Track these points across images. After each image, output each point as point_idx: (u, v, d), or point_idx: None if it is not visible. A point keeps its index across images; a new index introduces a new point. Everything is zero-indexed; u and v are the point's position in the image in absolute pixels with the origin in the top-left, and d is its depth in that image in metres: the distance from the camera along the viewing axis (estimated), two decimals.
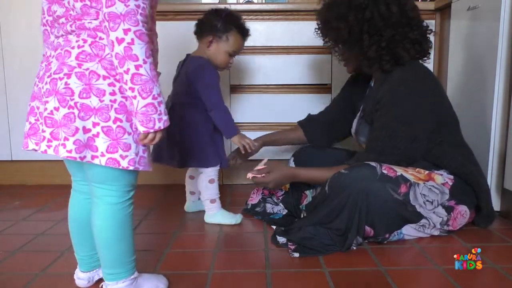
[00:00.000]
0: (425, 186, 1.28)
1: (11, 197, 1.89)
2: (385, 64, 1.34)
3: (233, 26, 1.48)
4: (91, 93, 0.84)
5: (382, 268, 1.14)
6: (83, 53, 0.85)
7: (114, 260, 0.94)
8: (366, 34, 1.32)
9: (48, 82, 0.87)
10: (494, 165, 1.52)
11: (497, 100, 1.49)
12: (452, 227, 1.34)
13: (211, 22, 1.48)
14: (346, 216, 1.23)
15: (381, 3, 1.31)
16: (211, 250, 1.28)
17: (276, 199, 1.58)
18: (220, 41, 1.48)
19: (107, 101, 0.85)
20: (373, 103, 1.37)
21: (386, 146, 1.30)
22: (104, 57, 0.85)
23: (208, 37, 1.48)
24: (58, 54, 0.88)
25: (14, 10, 1.96)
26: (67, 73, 0.85)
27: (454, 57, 1.79)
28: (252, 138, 2.02)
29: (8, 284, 1.08)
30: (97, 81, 0.84)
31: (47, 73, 0.88)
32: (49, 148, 0.88)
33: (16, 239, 1.37)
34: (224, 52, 1.49)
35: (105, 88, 0.85)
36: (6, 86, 2.01)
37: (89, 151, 0.85)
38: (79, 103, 0.84)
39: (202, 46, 1.51)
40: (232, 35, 1.48)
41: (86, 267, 1.04)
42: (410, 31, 1.33)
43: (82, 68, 0.84)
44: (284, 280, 1.08)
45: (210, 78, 1.46)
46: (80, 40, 0.87)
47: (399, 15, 1.32)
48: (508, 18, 1.44)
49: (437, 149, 1.35)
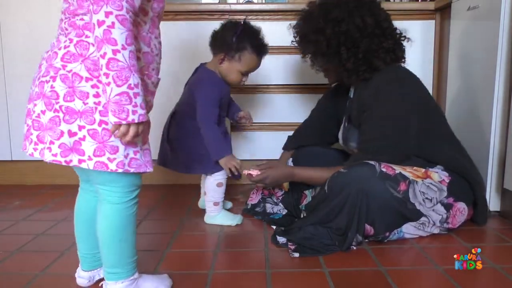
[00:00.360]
0: (424, 183, 1.29)
1: (11, 197, 1.89)
2: (362, 74, 1.37)
3: (248, 45, 1.40)
4: (75, 96, 0.83)
5: (382, 268, 1.14)
6: (68, 54, 0.84)
7: (115, 260, 0.94)
8: (343, 47, 1.35)
9: (37, 85, 0.87)
10: (494, 165, 1.52)
11: (497, 100, 1.49)
12: (451, 224, 1.34)
13: (224, 38, 1.40)
14: (346, 215, 1.23)
15: (356, 16, 1.33)
16: (211, 250, 1.28)
17: (276, 199, 1.59)
18: (233, 60, 1.41)
19: (91, 103, 0.83)
20: (357, 107, 1.40)
21: (381, 145, 1.31)
22: (87, 57, 0.83)
23: (220, 54, 1.42)
24: (48, 56, 0.88)
25: (14, 10, 1.96)
26: (52, 75, 0.84)
27: (454, 57, 1.79)
28: (252, 137, 2.04)
29: (8, 284, 1.08)
30: (80, 83, 0.83)
31: (38, 75, 0.88)
32: (35, 151, 0.87)
33: (16, 239, 1.37)
34: (237, 71, 1.43)
35: (88, 91, 0.83)
36: (6, 86, 2.01)
37: (76, 155, 0.84)
38: (64, 106, 0.83)
39: (215, 60, 1.46)
40: (245, 54, 1.41)
41: (88, 266, 1.05)
42: (384, 40, 1.36)
43: (65, 69, 0.83)
44: (284, 280, 1.08)
45: (207, 94, 1.41)
46: (67, 40, 0.85)
47: (374, 26, 1.34)
48: (508, 18, 1.44)
49: (428, 145, 1.36)
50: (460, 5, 1.71)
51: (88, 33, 0.83)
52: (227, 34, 1.40)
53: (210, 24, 1.97)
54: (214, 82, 1.44)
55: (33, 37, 1.96)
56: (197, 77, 1.47)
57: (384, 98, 1.31)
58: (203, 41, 1.98)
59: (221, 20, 1.97)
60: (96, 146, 0.84)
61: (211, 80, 1.44)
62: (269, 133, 2.02)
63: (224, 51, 1.40)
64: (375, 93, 1.33)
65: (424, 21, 1.96)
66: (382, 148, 1.31)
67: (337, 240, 1.24)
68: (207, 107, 1.40)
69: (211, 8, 1.97)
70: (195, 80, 1.46)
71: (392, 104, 1.31)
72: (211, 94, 1.42)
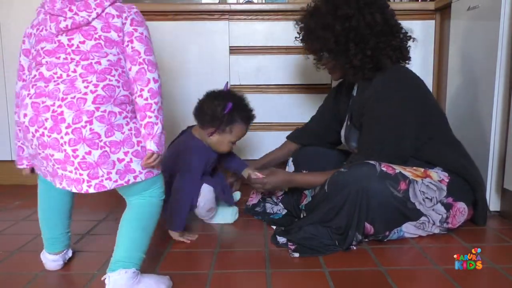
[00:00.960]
0: (423, 183, 1.29)
1: (11, 197, 1.89)
2: (367, 72, 1.37)
3: (238, 118, 1.39)
4: (114, 130, 0.95)
5: (382, 268, 1.14)
6: (99, 97, 0.94)
7: (129, 248, 1.01)
8: (352, 43, 1.34)
9: (64, 132, 0.92)
10: (494, 165, 1.53)
11: (497, 100, 1.49)
12: (451, 224, 1.34)
13: (214, 114, 1.36)
14: (346, 214, 1.23)
15: (366, 13, 1.33)
16: (211, 250, 1.28)
17: (276, 199, 1.59)
18: (223, 133, 1.39)
19: (127, 131, 0.97)
20: (358, 108, 1.40)
21: (377, 149, 1.31)
22: (116, 97, 0.96)
23: (209, 128, 1.39)
24: (55, 95, 0.93)
25: (14, 10, 1.96)
26: (87, 120, 0.92)
27: (454, 57, 1.79)
28: (252, 137, 2.04)
29: (8, 284, 1.08)
30: (116, 118, 0.96)
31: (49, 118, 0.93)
32: (89, 188, 0.95)
33: (16, 239, 1.37)
34: (227, 142, 1.41)
35: (122, 122, 0.96)
36: (6, 86, 2.01)
37: (130, 174, 0.97)
38: (108, 141, 0.94)
39: (203, 132, 1.42)
40: (236, 126, 1.40)
41: (58, 247, 1.15)
42: (392, 38, 1.36)
43: (100, 110, 0.93)
44: (284, 280, 1.08)
45: (190, 164, 1.37)
46: (90, 85, 0.95)
47: (383, 23, 1.34)
48: (508, 18, 1.44)
49: (427, 147, 1.36)
50: (460, 5, 1.71)
51: (110, 77, 0.96)
52: (217, 109, 1.36)
53: (210, 24, 1.98)
54: (202, 152, 1.41)
55: None
56: (184, 146, 1.42)
57: (383, 101, 1.31)
58: (203, 41, 1.99)
59: (221, 20, 1.98)
60: (140, 161, 0.99)
61: (198, 150, 1.40)
62: (269, 133, 2.02)
63: (215, 126, 1.38)
64: (375, 95, 1.32)
65: (424, 21, 1.96)
66: (379, 151, 1.31)
67: (337, 239, 1.24)
68: (189, 178, 1.37)
69: (211, 8, 1.97)
70: (181, 148, 1.41)
71: (391, 107, 1.31)
72: (196, 164, 1.38)
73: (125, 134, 0.96)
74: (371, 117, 1.33)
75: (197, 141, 1.42)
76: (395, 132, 1.31)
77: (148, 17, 1.96)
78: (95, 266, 1.17)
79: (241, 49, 1.99)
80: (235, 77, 2.00)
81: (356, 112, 1.42)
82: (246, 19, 1.98)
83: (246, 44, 1.99)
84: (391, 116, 1.31)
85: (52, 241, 1.15)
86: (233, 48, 1.99)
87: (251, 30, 1.98)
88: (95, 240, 1.38)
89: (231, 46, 1.99)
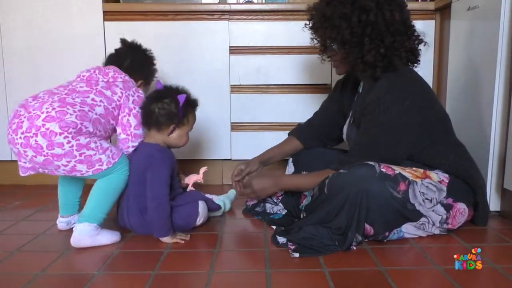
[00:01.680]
0: (423, 184, 1.28)
1: (11, 197, 1.89)
2: (378, 71, 1.33)
3: (189, 107, 1.42)
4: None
5: (382, 268, 1.14)
6: (48, 116, 1.25)
7: (94, 207, 1.31)
8: (367, 38, 1.31)
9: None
10: (494, 165, 1.52)
11: (497, 100, 1.49)
12: (451, 225, 1.34)
13: (169, 112, 1.37)
14: (346, 215, 1.23)
15: (385, 9, 1.30)
16: (211, 250, 1.28)
17: (276, 199, 1.59)
18: (182, 126, 1.41)
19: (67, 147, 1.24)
20: (361, 108, 1.38)
21: (366, 151, 1.31)
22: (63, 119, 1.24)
23: (169, 127, 1.39)
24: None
25: (14, 10, 1.96)
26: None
27: (454, 57, 1.79)
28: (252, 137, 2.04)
29: (8, 284, 1.08)
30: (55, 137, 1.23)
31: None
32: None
33: (16, 239, 1.37)
34: (186, 133, 1.43)
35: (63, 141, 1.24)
36: (6, 86, 2.01)
37: (77, 173, 1.29)
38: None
39: (157, 135, 1.40)
40: (190, 115, 1.43)
41: (68, 211, 1.46)
42: (407, 39, 1.34)
43: (44, 127, 1.23)
44: (284, 280, 1.08)
45: (160, 174, 1.35)
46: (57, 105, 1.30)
47: (400, 23, 1.32)
48: (508, 18, 1.44)
49: (428, 150, 1.35)
50: (460, 5, 1.71)
51: (87, 109, 1.31)
52: (170, 106, 1.37)
53: (210, 24, 1.98)
54: (168, 158, 1.39)
55: (33, 37, 1.96)
56: (148, 156, 1.37)
57: (386, 106, 1.29)
58: (203, 41, 1.99)
59: (221, 20, 1.98)
60: (86, 164, 1.27)
61: (162, 156, 1.38)
62: (269, 133, 2.02)
63: (174, 122, 1.38)
64: (377, 101, 1.30)
65: (424, 21, 1.96)
66: (369, 154, 1.30)
67: (337, 240, 1.24)
68: (157, 186, 1.34)
69: (211, 8, 1.97)
70: (144, 159, 1.37)
71: (391, 114, 1.28)
72: (163, 172, 1.36)
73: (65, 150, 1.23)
74: (369, 121, 1.32)
75: (158, 147, 1.40)
76: (388, 138, 1.30)
77: (148, 17, 1.98)
78: (95, 266, 1.17)
79: (241, 49, 1.99)
80: (235, 77, 2.00)
81: (358, 113, 1.41)
82: (246, 19, 1.98)
83: (246, 44, 1.99)
84: (389, 122, 1.29)
85: (62, 207, 1.47)
86: (233, 48, 1.99)
87: (251, 30, 1.98)
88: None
89: (231, 46, 1.99)
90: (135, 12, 1.97)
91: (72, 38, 1.97)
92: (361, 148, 1.34)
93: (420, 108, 1.31)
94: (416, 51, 1.38)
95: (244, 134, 2.05)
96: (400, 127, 1.29)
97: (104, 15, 1.96)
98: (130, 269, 1.17)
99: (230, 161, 2.09)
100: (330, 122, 1.63)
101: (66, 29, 1.96)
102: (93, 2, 1.95)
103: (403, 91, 1.30)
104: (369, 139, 1.33)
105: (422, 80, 1.38)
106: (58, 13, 1.95)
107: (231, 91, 2.01)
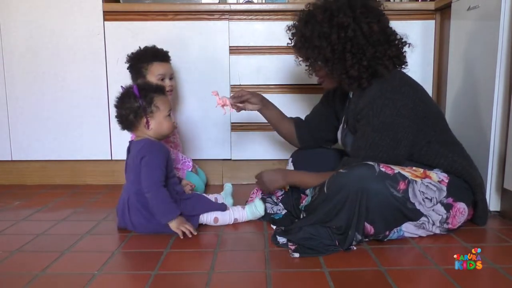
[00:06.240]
0: (423, 183, 1.29)
1: (11, 197, 1.89)
2: (364, 82, 1.34)
3: (152, 92, 1.39)
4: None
5: (382, 268, 1.14)
6: None
7: None
8: (349, 53, 1.32)
9: None
10: (494, 165, 1.52)
11: (497, 100, 1.49)
12: (451, 225, 1.34)
13: (132, 108, 1.37)
14: (346, 214, 1.23)
15: (362, 22, 1.31)
16: (211, 250, 1.28)
17: (276, 199, 1.59)
18: (154, 114, 1.39)
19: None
20: (354, 114, 1.39)
21: (369, 155, 1.31)
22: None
23: (141, 122, 1.39)
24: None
25: (14, 10, 1.96)
26: None
27: (454, 57, 1.79)
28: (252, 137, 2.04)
29: (8, 284, 1.08)
30: None
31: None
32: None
33: (16, 239, 1.37)
34: (163, 119, 1.41)
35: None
36: (6, 86, 2.01)
37: None
38: None
39: (141, 131, 1.42)
40: (156, 100, 1.39)
41: None
42: (388, 48, 1.34)
43: None
44: (284, 280, 1.08)
45: (151, 160, 1.36)
46: None
47: (379, 33, 1.33)
48: (508, 18, 1.44)
49: (426, 150, 1.35)
50: (460, 5, 1.71)
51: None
52: (131, 102, 1.37)
53: (210, 24, 1.98)
54: (157, 149, 1.40)
55: (33, 37, 1.96)
56: (138, 151, 1.39)
57: (379, 109, 1.30)
58: (203, 41, 1.99)
59: (221, 20, 1.98)
60: None
61: (151, 146, 1.39)
62: (269, 133, 2.02)
63: (143, 114, 1.38)
64: (371, 103, 1.31)
65: (424, 21, 1.96)
66: (370, 157, 1.30)
67: (338, 239, 1.24)
68: (152, 172, 1.35)
69: (211, 8, 1.97)
70: (137, 155, 1.39)
71: (386, 116, 1.29)
72: (156, 160, 1.37)
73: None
74: (365, 125, 1.32)
75: (147, 142, 1.40)
76: (388, 141, 1.30)
77: (148, 17, 1.98)
78: (95, 266, 1.17)
79: (241, 49, 1.99)
80: (235, 77, 2.01)
81: (351, 118, 1.42)
82: (246, 19, 1.99)
83: (246, 44, 1.99)
84: (385, 125, 1.29)
85: None
86: (233, 48, 1.99)
87: (251, 30, 1.99)
88: (95, 240, 1.38)
89: (231, 46, 1.99)
90: (135, 12, 1.97)
91: (72, 38, 1.97)
92: (363, 153, 1.33)
93: (412, 108, 1.31)
94: (401, 55, 1.39)
95: (244, 134, 2.05)
96: (396, 129, 1.29)
97: (104, 15, 1.97)
98: (130, 269, 1.17)
99: (230, 161, 2.10)
100: (323, 125, 1.64)
101: (66, 29, 1.96)
102: (93, 2, 1.95)
103: (394, 92, 1.30)
104: (368, 144, 1.32)
105: (412, 80, 1.38)
106: (58, 13, 1.95)
107: (231, 91, 2.01)
